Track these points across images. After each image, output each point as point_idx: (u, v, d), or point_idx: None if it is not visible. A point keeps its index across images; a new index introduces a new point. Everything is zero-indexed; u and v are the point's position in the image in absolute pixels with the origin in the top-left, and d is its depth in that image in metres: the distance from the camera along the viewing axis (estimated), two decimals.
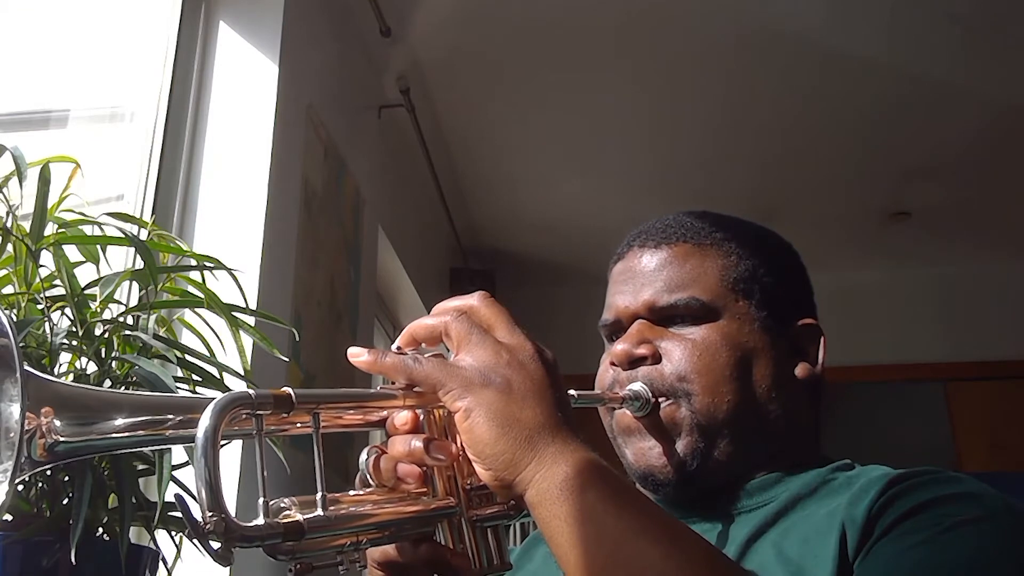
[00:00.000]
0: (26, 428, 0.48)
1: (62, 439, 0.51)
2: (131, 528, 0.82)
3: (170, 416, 0.55)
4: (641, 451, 0.82)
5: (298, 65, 1.91)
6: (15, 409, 0.49)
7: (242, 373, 1.00)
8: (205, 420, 0.50)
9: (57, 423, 0.51)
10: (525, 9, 2.52)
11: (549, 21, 2.56)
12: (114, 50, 1.72)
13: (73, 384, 0.57)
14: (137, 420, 0.53)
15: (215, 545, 0.49)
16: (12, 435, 0.49)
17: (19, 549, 0.79)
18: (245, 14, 1.83)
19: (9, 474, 0.48)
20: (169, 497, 0.83)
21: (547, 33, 2.62)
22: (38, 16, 1.65)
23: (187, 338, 1.08)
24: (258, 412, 0.54)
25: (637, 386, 0.81)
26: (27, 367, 0.49)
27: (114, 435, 0.53)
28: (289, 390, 0.55)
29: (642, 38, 2.64)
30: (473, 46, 2.69)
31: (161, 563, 0.90)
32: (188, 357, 0.94)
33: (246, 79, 1.78)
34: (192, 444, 0.50)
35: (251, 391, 0.53)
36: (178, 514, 0.89)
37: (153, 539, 0.88)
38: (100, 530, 0.85)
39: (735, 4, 2.50)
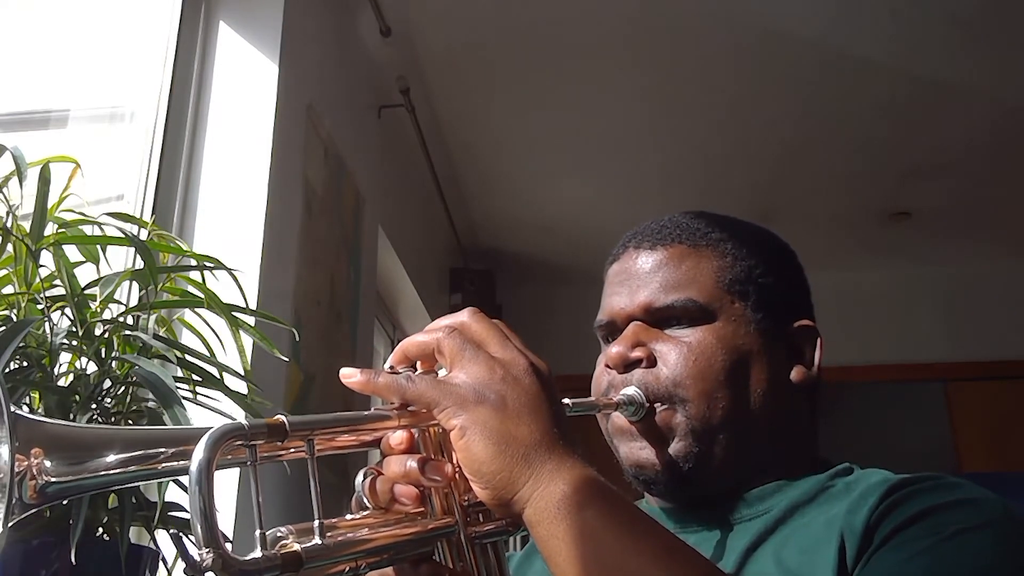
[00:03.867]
0: (16, 470, 0.47)
1: (53, 479, 0.50)
2: (131, 528, 0.82)
3: (163, 450, 0.54)
4: (632, 451, 0.81)
5: (298, 65, 1.91)
6: (4, 451, 0.48)
7: (242, 373, 1.00)
8: (199, 453, 0.50)
9: (47, 464, 0.49)
10: (525, 9, 2.52)
11: (549, 21, 2.56)
12: (114, 50, 1.72)
13: (63, 423, 0.56)
14: (129, 456, 0.52)
15: None
16: (2, 477, 0.48)
17: (19, 549, 0.79)
18: (245, 14, 1.83)
19: (1, 519, 0.47)
20: (169, 497, 0.84)
21: (547, 33, 2.62)
22: (38, 16, 1.65)
23: (187, 338, 1.08)
24: (252, 442, 0.53)
25: (631, 391, 0.81)
26: (14, 408, 0.48)
27: (106, 472, 0.52)
28: (283, 418, 0.55)
29: (641, 38, 2.64)
30: (473, 46, 2.69)
31: (161, 563, 0.90)
32: (188, 357, 0.95)
33: (246, 79, 1.78)
34: (186, 475, 0.50)
35: (244, 422, 0.53)
36: (178, 514, 0.89)
37: (153, 539, 0.88)
38: (100, 530, 0.85)
39: (736, 5, 2.50)
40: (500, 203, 3.68)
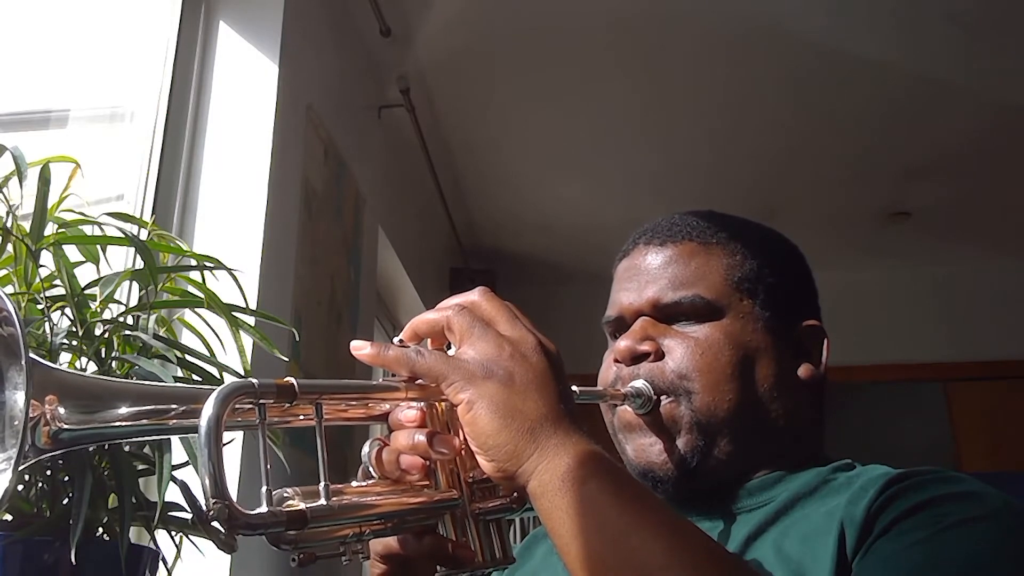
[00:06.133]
0: (30, 415, 0.49)
1: (66, 427, 0.51)
2: (131, 528, 0.82)
3: (173, 405, 0.55)
4: (641, 448, 0.82)
5: (298, 65, 1.91)
6: (19, 396, 0.49)
7: (242, 373, 0.99)
8: (208, 408, 0.50)
9: (61, 411, 0.51)
10: (525, 9, 2.52)
11: (550, 21, 2.56)
12: (114, 50, 1.72)
13: (77, 372, 0.57)
14: (141, 409, 0.54)
15: (219, 533, 0.49)
16: (16, 423, 0.49)
17: (19, 549, 0.79)
18: (245, 14, 1.83)
19: (13, 461, 0.48)
20: (169, 497, 0.83)
21: (547, 33, 2.62)
22: (38, 16, 1.65)
23: (187, 338, 1.08)
24: (261, 402, 0.54)
25: (639, 383, 0.81)
26: (32, 355, 0.49)
27: (118, 424, 0.53)
28: (292, 380, 0.55)
29: (642, 38, 2.64)
30: (473, 46, 2.68)
31: (161, 563, 0.90)
32: (188, 357, 0.94)
33: (246, 79, 1.78)
34: (195, 434, 0.50)
35: (254, 380, 0.54)
36: (178, 514, 0.89)
37: (153, 539, 0.88)
38: (100, 530, 0.85)
39: (735, 4, 2.50)
40: (500, 203, 3.68)
